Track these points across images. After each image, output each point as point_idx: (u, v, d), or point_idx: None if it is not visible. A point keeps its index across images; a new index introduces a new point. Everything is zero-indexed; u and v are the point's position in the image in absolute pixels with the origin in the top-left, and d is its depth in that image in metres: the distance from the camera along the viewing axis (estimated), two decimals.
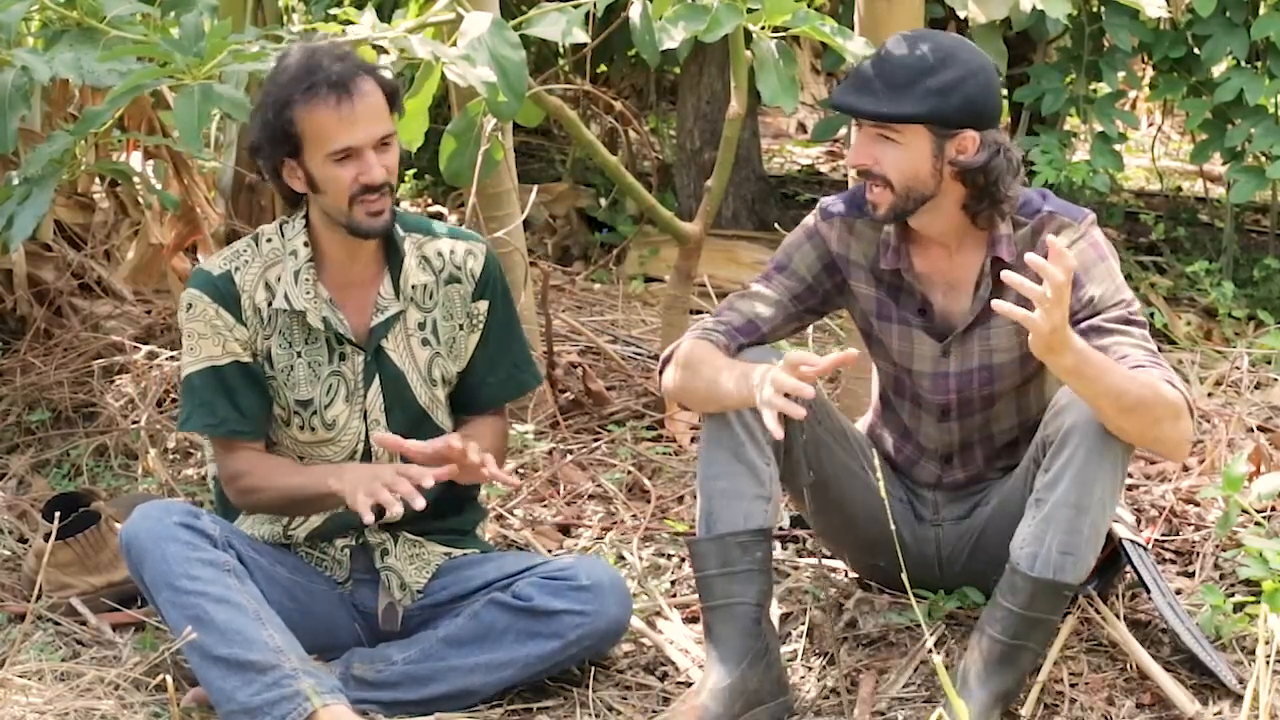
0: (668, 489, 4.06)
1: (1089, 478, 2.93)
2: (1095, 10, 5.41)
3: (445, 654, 3.14)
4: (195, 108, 3.20)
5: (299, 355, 3.17)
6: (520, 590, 3.15)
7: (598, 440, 4.31)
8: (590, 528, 3.89)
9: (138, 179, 4.77)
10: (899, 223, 3.11)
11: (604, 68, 7.01)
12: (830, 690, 3.17)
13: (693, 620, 3.43)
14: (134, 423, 4.33)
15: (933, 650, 3.11)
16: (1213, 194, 6.24)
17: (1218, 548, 3.61)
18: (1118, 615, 3.26)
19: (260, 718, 2.93)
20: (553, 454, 4.20)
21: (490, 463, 3.05)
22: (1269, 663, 2.60)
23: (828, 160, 7.79)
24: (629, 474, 4.12)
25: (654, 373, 3.94)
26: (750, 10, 3.61)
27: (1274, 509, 3.74)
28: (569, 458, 4.20)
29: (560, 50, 6.44)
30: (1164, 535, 3.70)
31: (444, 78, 3.59)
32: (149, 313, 4.91)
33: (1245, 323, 5.36)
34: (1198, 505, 3.80)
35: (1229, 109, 5.34)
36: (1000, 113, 3.10)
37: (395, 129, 3.10)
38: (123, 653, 3.35)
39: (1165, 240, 5.92)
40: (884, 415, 3.37)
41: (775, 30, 3.66)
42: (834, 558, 3.56)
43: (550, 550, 3.75)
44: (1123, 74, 5.54)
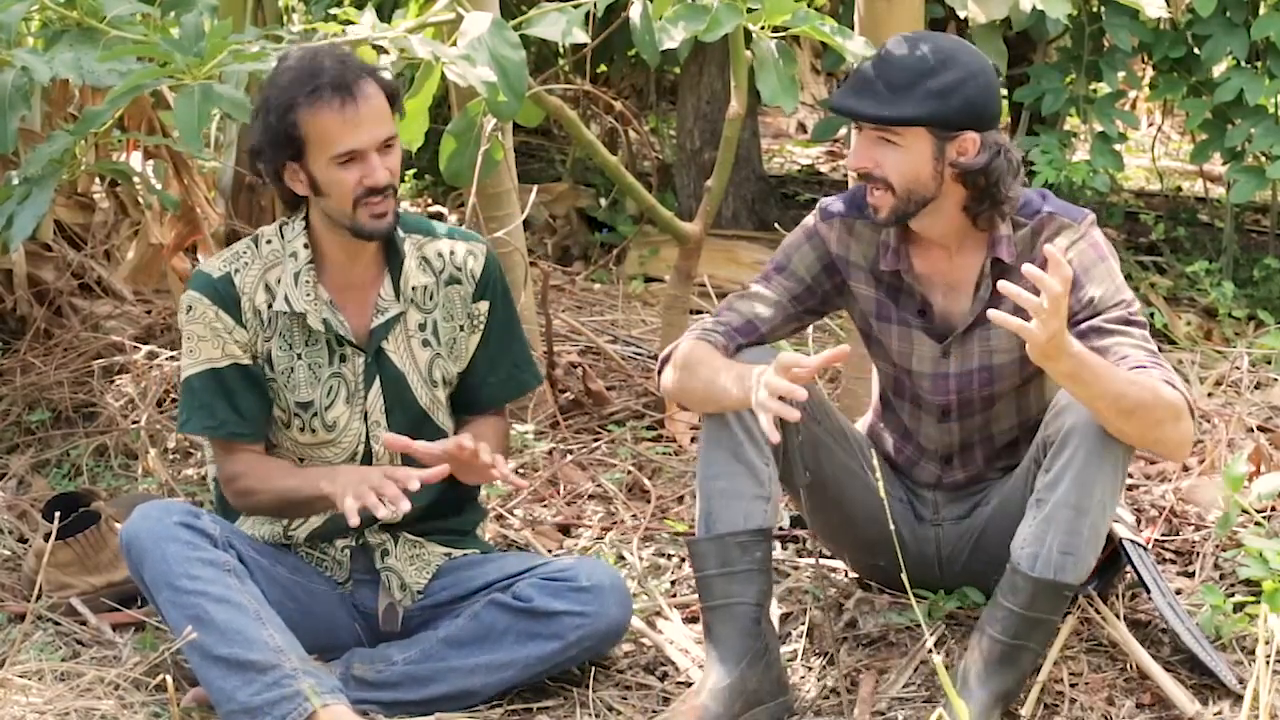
0: (668, 489, 4.05)
1: (1089, 478, 2.93)
2: (1095, 10, 5.41)
3: (445, 654, 3.14)
4: (195, 108, 3.20)
5: (299, 357, 3.17)
6: (520, 591, 3.15)
7: (598, 440, 4.31)
8: (590, 528, 3.89)
9: (138, 179, 4.77)
10: (899, 224, 3.11)
11: (604, 68, 7.01)
12: (830, 690, 3.17)
13: (693, 620, 3.43)
14: (134, 423, 4.33)
15: (933, 650, 3.11)
16: (1213, 194, 6.24)
17: (1218, 548, 3.61)
18: (1118, 615, 3.26)
19: (260, 718, 2.93)
20: (553, 454, 4.20)
21: (500, 464, 3.06)
22: (1269, 663, 2.59)
23: (828, 160, 7.78)
24: (629, 474, 4.11)
25: (654, 373, 3.94)
26: (750, 10, 3.61)
27: (1274, 509, 3.74)
28: (569, 458, 4.19)
29: (560, 50, 6.44)
30: (1164, 535, 3.70)
31: (444, 78, 3.59)
32: (149, 313, 4.91)
33: (1245, 323, 5.36)
34: (1198, 505, 3.80)
35: (1229, 109, 5.34)
36: (1000, 114, 3.10)
37: (397, 130, 3.10)
38: (123, 653, 3.35)
39: (1165, 240, 5.92)
40: (884, 416, 3.37)
41: (775, 30, 3.66)
42: (834, 558, 3.56)
43: (550, 550, 3.75)
44: (1123, 74, 5.53)
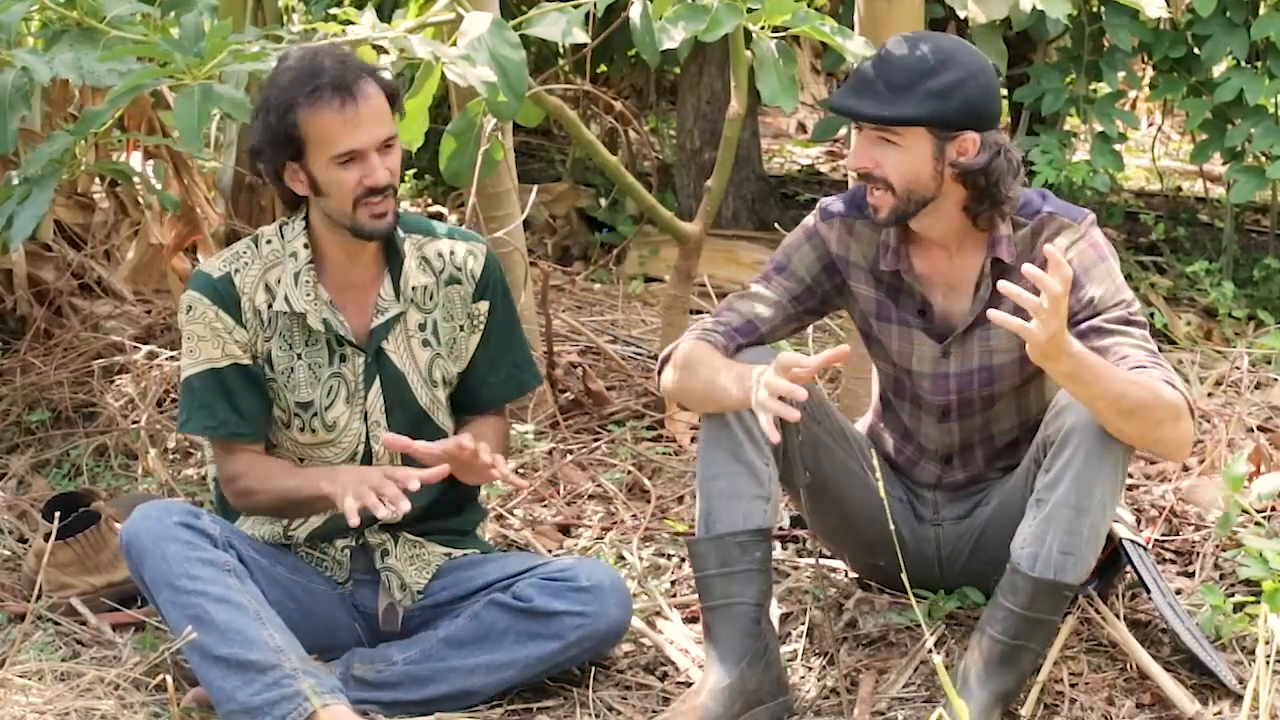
0: (668, 489, 4.05)
1: (1089, 478, 2.93)
2: (1095, 10, 5.41)
3: (445, 654, 3.14)
4: (195, 108, 3.20)
5: (299, 357, 3.17)
6: (520, 591, 3.15)
7: (598, 440, 4.31)
8: (590, 528, 3.89)
9: (138, 179, 4.76)
10: (899, 225, 3.11)
11: (604, 68, 7.01)
12: (830, 690, 3.17)
13: (693, 620, 3.43)
14: (134, 423, 4.33)
15: (933, 650, 3.11)
16: (1213, 194, 6.23)
17: (1218, 548, 3.61)
18: (1118, 615, 3.26)
19: (260, 717, 2.93)
20: (553, 454, 4.20)
21: (501, 464, 3.06)
22: (1269, 663, 2.59)
23: (828, 160, 7.78)
24: (629, 474, 4.11)
25: (654, 373, 3.94)
26: (750, 10, 3.61)
27: (1274, 509, 3.74)
28: (569, 458, 4.19)
29: (560, 50, 6.44)
30: (1164, 535, 3.70)
31: (444, 78, 3.59)
32: (149, 313, 4.91)
33: (1245, 323, 5.36)
34: (1198, 505, 3.80)
35: (1229, 109, 5.34)
36: (1000, 114, 3.10)
37: (397, 131, 3.10)
38: (123, 653, 3.35)
39: (1165, 240, 5.92)
40: (884, 416, 3.37)
41: (775, 30, 3.66)
42: (834, 558, 3.56)
43: (550, 550, 3.75)
44: (1123, 74, 5.53)
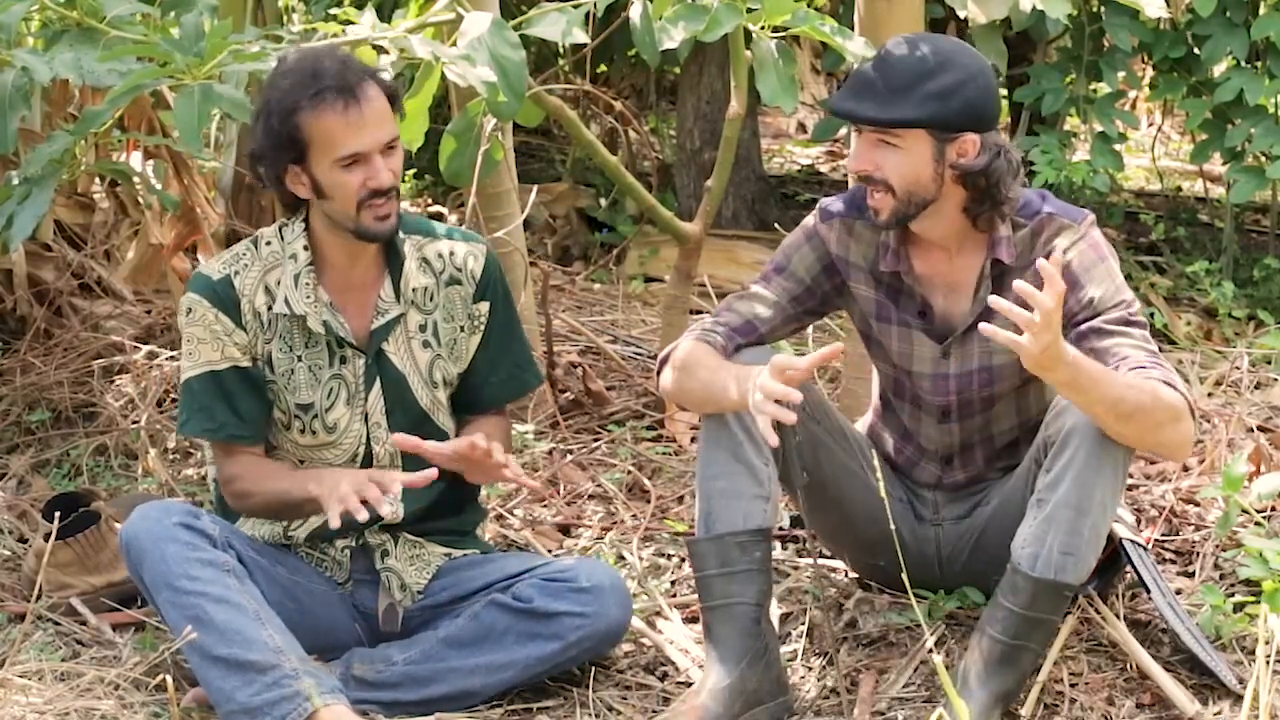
0: (668, 489, 4.05)
1: (1090, 479, 2.92)
2: (1095, 10, 5.41)
3: (445, 655, 3.14)
4: (195, 108, 3.20)
5: (299, 359, 3.16)
6: (520, 592, 3.15)
7: (598, 440, 4.31)
8: (590, 528, 3.89)
9: (138, 179, 4.76)
10: (900, 226, 3.11)
11: (604, 68, 7.01)
12: (830, 690, 3.17)
13: (693, 620, 3.43)
14: (134, 423, 4.33)
15: (933, 650, 3.11)
16: (1213, 194, 6.23)
17: (1218, 548, 3.61)
18: (1118, 615, 3.26)
19: (260, 718, 2.93)
20: (553, 454, 4.20)
21: (514, 464, 3.06)
22: (1269, 663, 2.59)
23: (828, 160, 7.78)
24: (629, 474, 4.11)
25: (653, 373, 3.94)
26: (750, 10, 3.61)
27: (1274, 509, 3.74)
28: (569, 458, 4.19)
29: (560, 50, 6.44)
30: (1164, 535, 3.70)
31: (444, 78, 3.59)
32: (149, 313, 4.91)
33: (1245, 323, 5.36)
34: (1198, 505, 3.80)
35: (1229, 109, 5.34)
36: (1000, 115, 3.09)
37: (399, 132, 3.10)
38: (123, 653, 3.35)
39: (1165, 240, 5.92)
40: (884, 416, 3.37)
41: (775, 30, 3.66)
42: (834, 558, 3.56)
43: (550, 550, 3.75)
44: (1123, 74, 5.53)
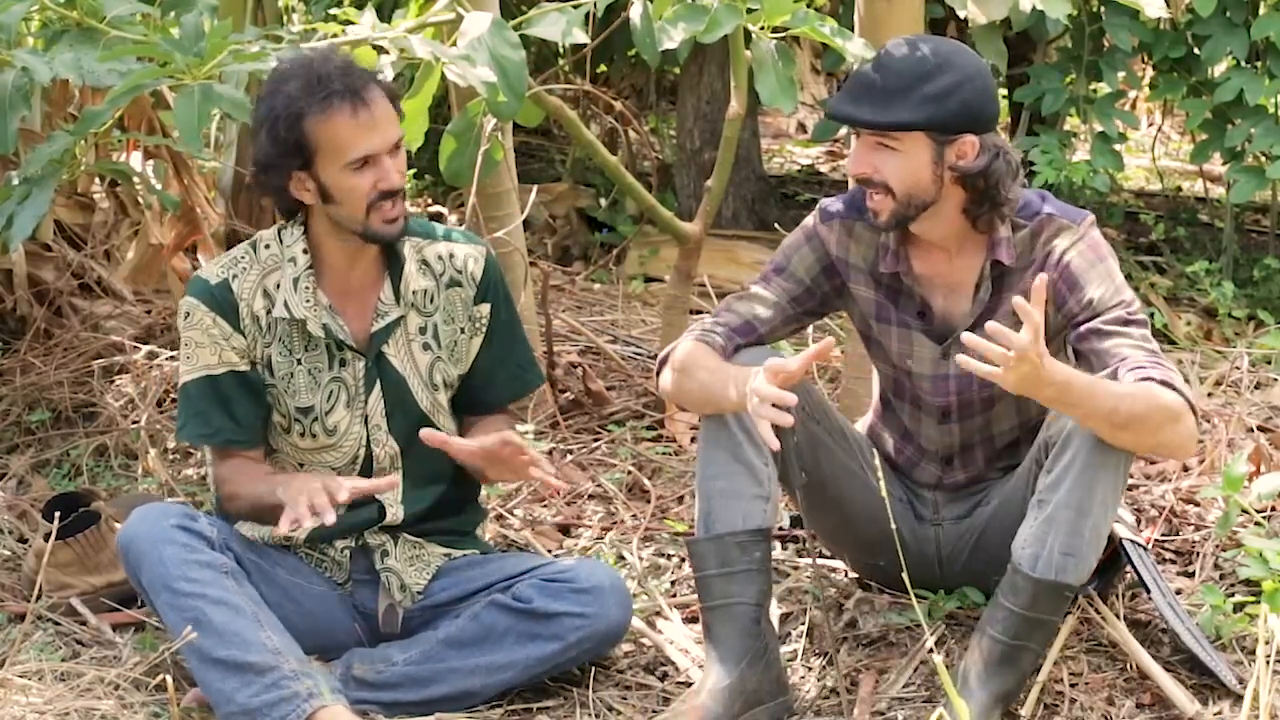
0: (668, 489, 4.05)
1: (1091, 480, 2.92)
2: (1095, 10, 5.41)
3: (445, 655, 3.14)
4: (195, 108, 3.20)
5: (299, 362, 3.16)
6: (520, 592, 3.15)
7: (598, 440, 4.31)
8: (590, 528, 3.89)
9: (138, 179, 4.76)
10: (901, 228, 3.11)
11: (604, 68, 7.00)
12: (830, 690, 3.17)
13: (693, 620, 3.43)
14: (134, 423, 4.33)
15: (933, 650, 3.11)
16: (1213, 194, 6.23)
17: (1218, 548, 3.61)
18: (1118, 615, 3.26)
19: (259, 719, 2.93)
20: (553, 454, 4.20)
21: (544, 463, 3.05)
22: (1269, 663, 2.60)
23: (828, 160, 7.78)
24: (629, 474, 4.11)
25: (653, 373, 3.94)
26: (750, 10, 3.61)
27: (1274, 509, 3.73)
28: (569, 458, 4.19)
29: (560, 50, 6.43)
30: (1164, 535, 3.70)
31: (444, 78, 3.59)
32: (149, 313, 4.91)
33: (1245, 323, 5.36)
34: (1198, 505, 3.80)
35: (1229, 109, 5.34)
36: (998, 116, 3.09)
37: (403, 132, 3.11)
38: (123, 653, 3.35)
39: (1165, 240, 5.92)
40: (884, 416, 3.37)
41: (775, 31, 3.65)
42: (834, 558, 3.56)
43: (550, 550, 3.75)
44: (1123, 74, 5.53)
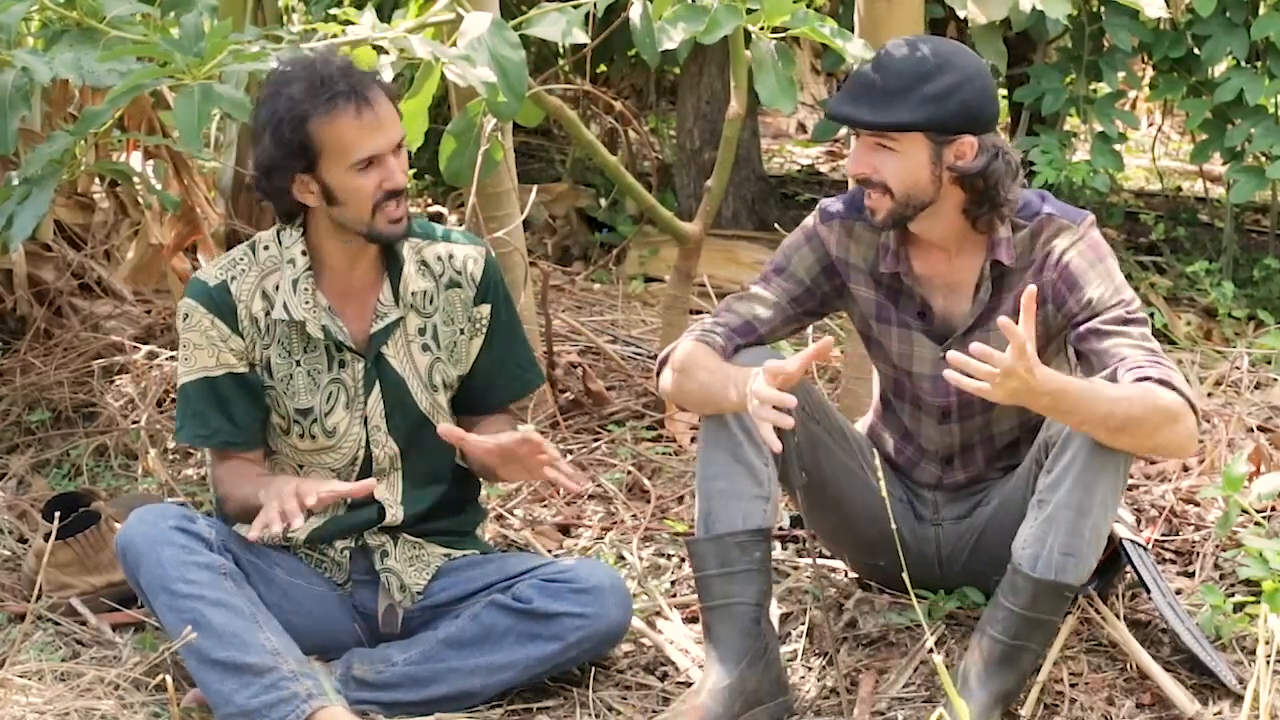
0: (668, 489, 4.05)
1: (1091, 480, 2.92)
2: (1095, 10, 5.41)
3: (445, 655, 3.14)
4: (195, 108, 3.19)
5: (298, 364, 3.16)
6: (520, 592, 3.15)
7: (598, 440, 4.31)
8: (590, 528, 3.89)
9: (138, 179, 4.76)
10: (898, 228, 3.11)
11: (604, 68, 7.00)
12: (830, 690, 3.17)
13: (693, 620, 3.43)
14: (134, 423, 4.33)
15: (933, 650, 3.11)
16: (1213, 194, 6.23)
17: (1218, 548, 3.61)
18: (1118, 615, 3.26)
19: None
20: None
21: (562, 464, 3.05)
22: (1269, 663, 2.59)
23: (828, 160, 7.78)
24: (629, 474, 4.11)
25: (653, 373, 3.94)
26: (750, 11, 3.61)
27: (1274, 509, 3.73)
28: (569, 458, 4.19)
29: (560, 50, 6.43)
30: (1164, 535, 3.70)
31: (444, 78, 3.59)
32: (149, 313, 4.91)
33: (1245, 323, 5.36)
34: (1198, 505, 3.80)
35: (1229, 109, 5.34)
36: (998, 116, 3.09)
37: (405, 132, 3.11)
38: (123, 653, 3.35)
39: (1165, 240, 5.92)
40: (884, 416, 3.37)
41: (774, 31, 3.65)
42: (834, 558, 3.56)
43: (550, 550, 3.75)
44: (1123, 74, 5.53)
